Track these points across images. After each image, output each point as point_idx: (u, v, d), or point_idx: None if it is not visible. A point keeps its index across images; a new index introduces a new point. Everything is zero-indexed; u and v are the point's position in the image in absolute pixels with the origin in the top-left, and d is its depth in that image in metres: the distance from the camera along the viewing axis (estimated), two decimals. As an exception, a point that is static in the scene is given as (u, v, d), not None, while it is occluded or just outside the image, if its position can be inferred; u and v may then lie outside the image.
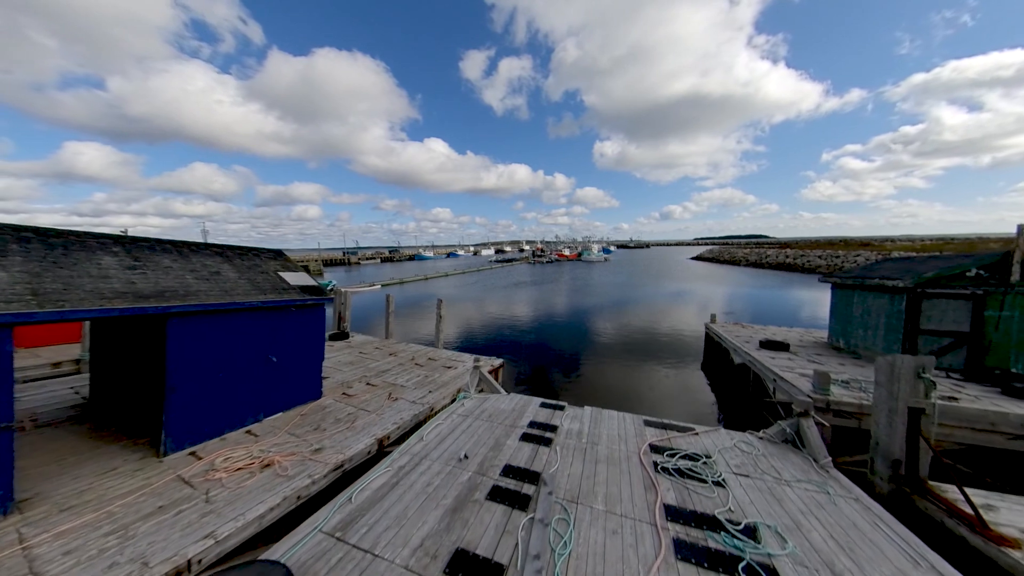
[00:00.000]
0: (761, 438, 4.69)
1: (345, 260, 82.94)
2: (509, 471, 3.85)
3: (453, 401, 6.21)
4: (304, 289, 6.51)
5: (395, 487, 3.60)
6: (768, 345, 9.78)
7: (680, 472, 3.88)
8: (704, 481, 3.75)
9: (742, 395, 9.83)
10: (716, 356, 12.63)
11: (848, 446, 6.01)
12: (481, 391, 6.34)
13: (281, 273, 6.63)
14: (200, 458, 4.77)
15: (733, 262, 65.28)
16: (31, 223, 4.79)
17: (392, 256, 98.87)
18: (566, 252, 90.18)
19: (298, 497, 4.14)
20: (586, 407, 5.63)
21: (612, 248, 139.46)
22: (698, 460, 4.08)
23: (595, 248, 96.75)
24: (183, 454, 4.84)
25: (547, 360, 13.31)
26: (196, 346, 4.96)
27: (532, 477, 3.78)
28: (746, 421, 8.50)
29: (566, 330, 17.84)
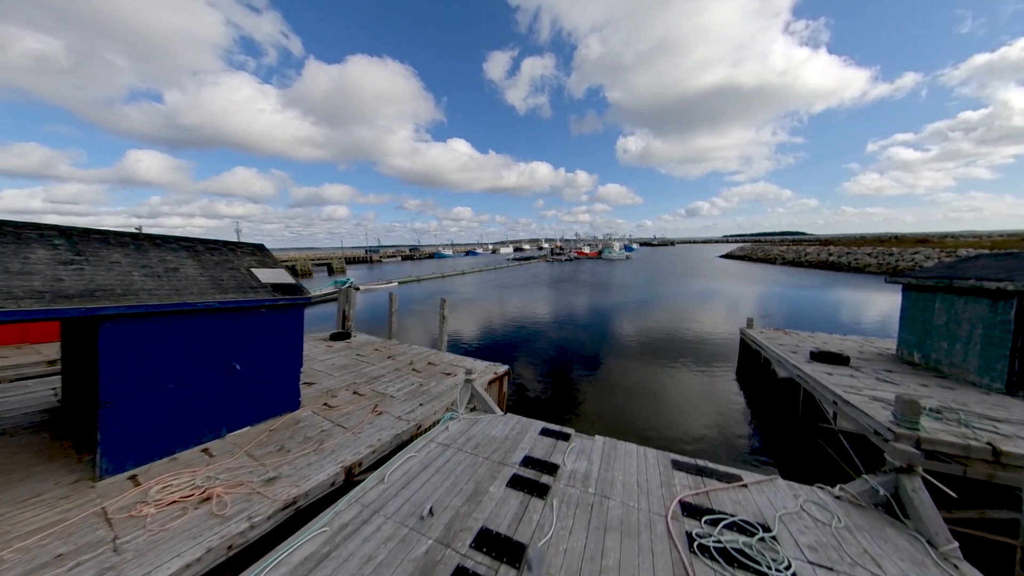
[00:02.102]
0: (839, 497, 3.40)
1: (368, 258, 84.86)
2: (484, 540, 2.82)
3: (438, 423, 5.29)
4: (277, 288, 5.79)
5: (323, 563, 2.67)
6: (821, 357, 8.21)
7: (727, 556, 2.68)
8: (765, 577, 2.56)
9: (790, 418, 8.33)
10: (754, 367, 11.06)
11: (945, 500, 4.57)
12: (473, 409, 5.39)
13: (254, 270, 5.94)
14: (139, 484, 4.11)
15: (768, 260, 60.85)
16: (97, 225, 4.49)
17: (412, 254, 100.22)
18: (586, 250, 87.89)
19: (228, 547, 3.34)
20: (597, 437, 4.51)
21: (635, 246, 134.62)
22: (752, 534, 2.87)
23: (616, 246, 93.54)
24: (121, 478, 4.20)
25: (558, 366, 12.20)
26: (138, 353, 4.30)
27: (514, 553, 2.73)
28: (800, 454, 7.06)
29: (581, 332, 16.60)
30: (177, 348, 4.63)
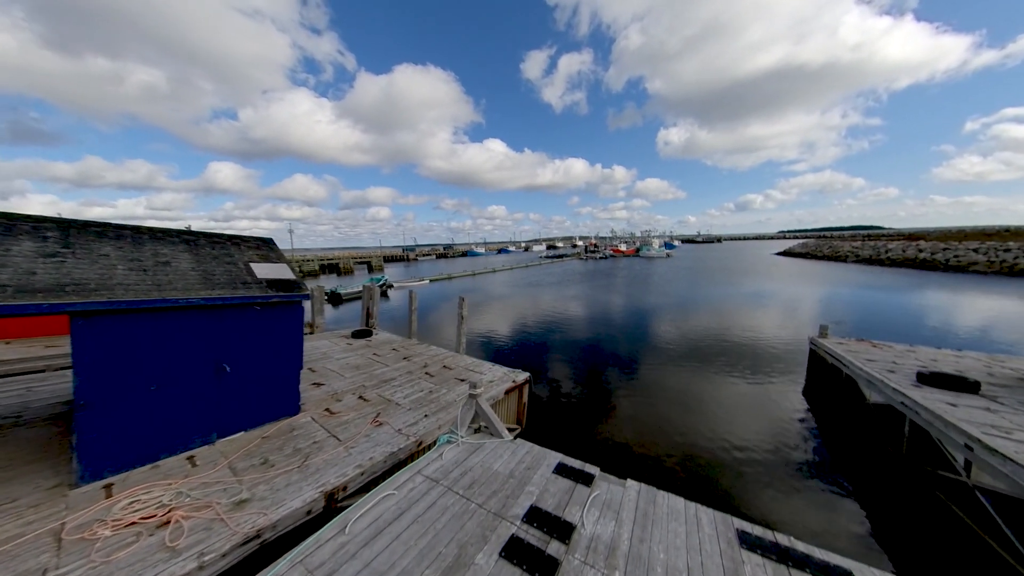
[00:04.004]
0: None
1: (405, 256, 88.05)
2: None
3: (434, 444, 4.52)
4: (273, 284, 5.36)
5: None
6: (936, 380, 6.32)
7: None
8: None
9: (890, 458, 6.48)
10: (830, 387, 9.11)
11: None
12: (478, 430, 4.56)
13: (252, 264, 5.57)
14: (110, 496, 3.78)
15: (836, 258, 53.54)
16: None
17: (446, 252, 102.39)
18: (622, 247, 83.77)
19: (168, 593, 2.80)
20: (629, 483, 3.38)
21: (676, 243, 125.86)
22: None
23: (655, 243, 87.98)
24: (97, 487, 3.91)
25: (588, 373, 11.01)
26: (115, 352, 3.98)
27: None
28: (917, 519, 5.32)
29: (617, 335, 15.16)
30: (160, 347, 4.29)
